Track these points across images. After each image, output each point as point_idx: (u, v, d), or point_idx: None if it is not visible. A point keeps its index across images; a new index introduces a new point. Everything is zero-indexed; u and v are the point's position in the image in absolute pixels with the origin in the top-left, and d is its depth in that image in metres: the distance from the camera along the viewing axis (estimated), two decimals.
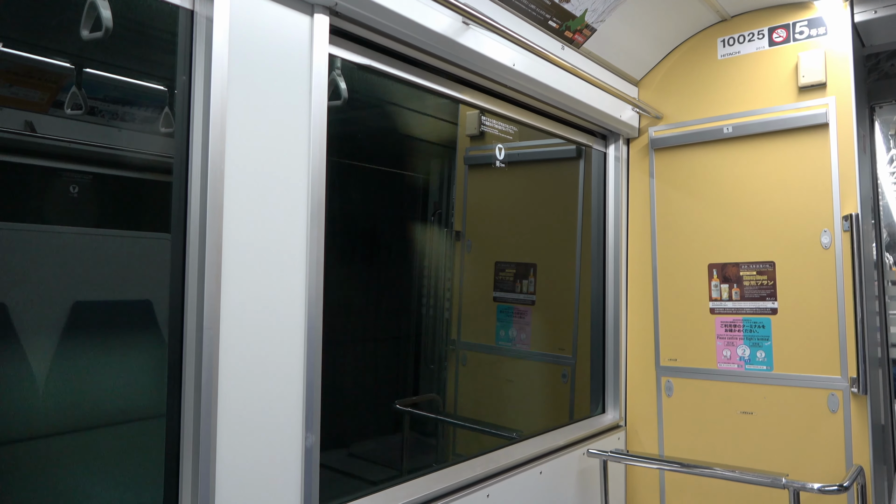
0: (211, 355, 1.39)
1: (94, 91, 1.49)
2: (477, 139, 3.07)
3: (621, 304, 3.08)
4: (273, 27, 1.54)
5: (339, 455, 2.40)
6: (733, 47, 2.86)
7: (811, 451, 2.55)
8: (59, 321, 1.32)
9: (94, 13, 1.37)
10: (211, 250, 1.40)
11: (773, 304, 2.68)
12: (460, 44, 1.98)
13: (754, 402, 2.70)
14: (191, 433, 1.39)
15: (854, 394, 2.47)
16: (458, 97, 2.26)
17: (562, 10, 2.36)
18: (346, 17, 1.74)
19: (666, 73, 3.04)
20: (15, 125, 1.36)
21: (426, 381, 3.03)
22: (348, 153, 2.28)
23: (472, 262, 3.21)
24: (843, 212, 2.53)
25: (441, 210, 3.10)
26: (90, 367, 1.38)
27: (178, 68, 1.46)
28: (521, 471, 2.35)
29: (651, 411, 2.97)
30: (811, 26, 2.66)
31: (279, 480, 1.54)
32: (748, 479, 2.34)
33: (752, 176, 2.76)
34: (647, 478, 2.96)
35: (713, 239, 2.85)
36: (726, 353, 2.78)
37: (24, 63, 1.32)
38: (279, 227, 1.55)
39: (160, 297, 1.44)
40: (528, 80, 2.32)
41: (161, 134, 1.50)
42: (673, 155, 2.99)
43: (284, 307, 1.56)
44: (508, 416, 3.13)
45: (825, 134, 2.59)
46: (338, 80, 1.94)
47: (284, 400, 1.55)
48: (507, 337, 3.19)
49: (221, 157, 1.42)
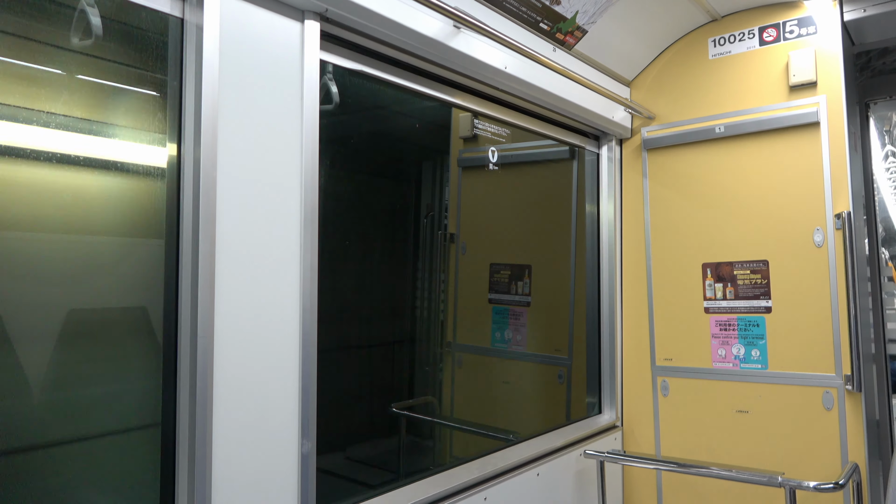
0: (206, 362, 1.39)
1: (83, 97, 1.49)
2: (470, 141, 3.07)
3: (616, 304, 3.08)
4: (264, 34, 1.54)
5: (336, 458, 2.40)
6: (724, 47, 2.87)
7: (807, 449, 2.56)
8: (52, 328, 1.32)
9: (84, 20, 1.36)
10: (204, 257, 1.40)
11: (767, 303, 2.69)
12: (451, 47, 1.99)
13: (750, 400, 2.70)
14: (186, 440, 1.39)
15: (849, 391, 2.48)
16: (450, 101, 2.26)
17: (553, 12, 2.36)
18: (337, 23, 1.74)
19: (657, 73, 3.05)
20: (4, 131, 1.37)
21: (422, 383, 3.02)
22: (340, 156, 2.27)
23: (466, 264, 3.20)
24: (835, 210, 2.55)
25: (434, 212, 3.10)
26: (81, 375, 1.37)
27: (169, 75, 1.46)
28: (518, 473, 2.35)
29: (647, 411, 2.97)
30: (801, 25, 2.68)
31: (276, 487, 1.54)
32: (744, 479, 2.35)
33: (744, 175, 2.77)
34: (644, 478, 2.96)
35: (707, 238, 2.86)
36: (721, 352, 2.78)
37: (13, 68, 1.32)
38: (272, 233, 1.55)
39: (153, 303, 1.44)
40: (520, 82, 2.33)
41: (152, 141, 1.50)
42: (665, 155, 3.00)
43: (279, 312, 1.56)
44: (505, 418, 3.13)
45: (816, 132, 2.60)
46: (329, 85, 1.94)
47: (280, 406, 1.55)
48: (502, 338, 3.19)
49: (213, 164, 1.42)
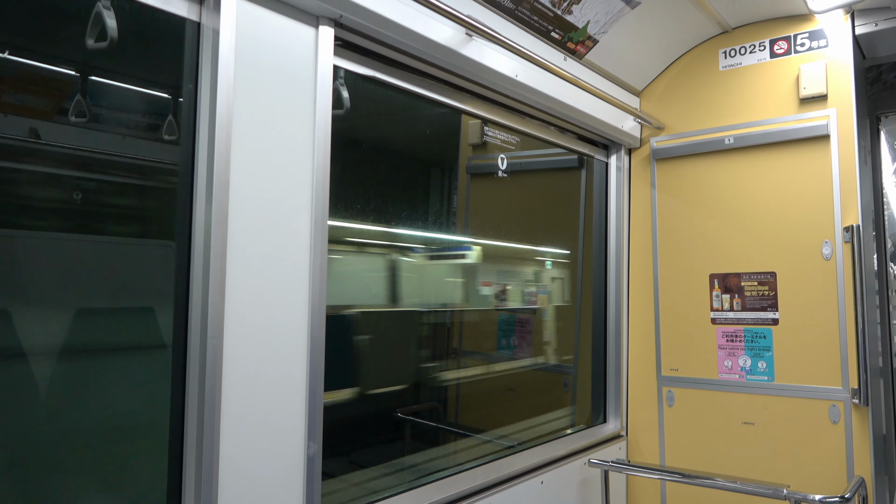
0: (215, 363, 1.40)
1: (98, 99, 1.50)
2: (479, 148, 3.08)
3: (622, 313, 3.08)
4: (278, 39, 1.56)
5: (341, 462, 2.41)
6: (735, 59, 2.88)
7: (812, 462, 2.55)
8: (62, 327, 1.33)
9: (99, 23, 1.38)
10: (215, 258, 1.41)
11: (775, 315, 2.68)
12: (463, 55, 2.00)
13: (755, 412, 2.69)
14: (194, 441, 1.40)
15: (855, 405, 2.47)
16: (460, 107, 2.28)
17: (564, 21, 2.38)
18: (351, 29, 1.75)
19: (668, 83, 3.05)
20: (20, 132, 1.38)
21: (427, 389, 3.03)
22: (350, 161, 2.29)
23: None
24: (844, 223, 2.54)
25: (443, 219, 3.11)
26: (90, 375, 1.38)
27: (185, 78, 1.48)
28: (521, 480, 2.35)
29: (652, 421, 2.96)
30: (812, 38, 2.68)
31: (282, 488, 1.54)
32: (749, 490, 2.34)
33: (753, 187, 2.77)
34: (649, 488, 2.95)
35: (714, 249, 2.85)
36: (727, 363, 2.78)
37: (29, 71, 1.33)
38: (283, 236, 1.56)
39: (164, 304, 1.45)
40: (530, 90, 2.34)
41: (166, 142, 1.51)
42: (674, 165, 3.00)
43: (288, 315, 1.57)
44: (509, 425, 3.13)
45: (826, 145, 2.60)
46: (340, 90, 1.95)
47: (287, 408, 1.56)
48: (508, 345, 3.19)
49: (227, 166, 1.44)
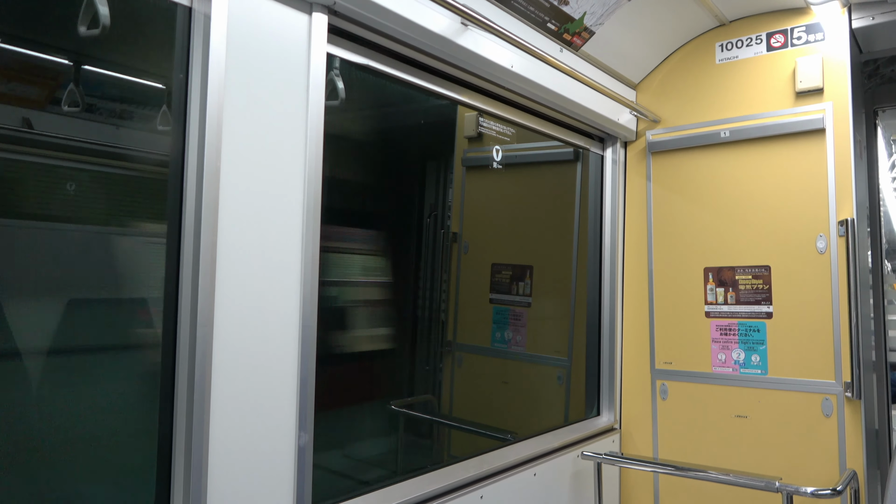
0: (204, 353, 1.39)
1: (91, 88, 1.49)
2: (475, 141, 3.07)
3: (617, 306, 3.08)
4: (271, 25, 1.54)
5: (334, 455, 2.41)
6: (731, 52, 2.87)
7: (805, 456, 2.56)
8: (54, 317, 1.32)
9: (91, 10, 1.36)
10: (206, 249, 1.40)
11: (769, 308, 2.69)
12: (459, 45, 1.99)
13: (749, 405, 2.70)
14: (183, 431, 1.39)
15: (848, 398, 2.48)
16: (456, 98, 2.26)
17: (561, 12, 2.36)
18: (345, 17, 1.74)
19: (664, 76, 3.05)
20: (13, 122, 1.37)
21: (422, 382, 3.02)
22: (344, 152, 2.28)
23: (468, 264, 3.20)
24: (838, 217, 2.54)
25: (437, 211, 3.10)
26: (80, 369, 1.38)
27: (176, 66, 1.46)
28: (515, 472, 2.35)
29: (646, 414, 2.97)
30: (809, 32, 2.67)
31: (272, 478, 1.54)
32: (742, 483, 2.35)
33: (748, 180, 2.77)
34: (642, 481, 2.96)
35: (709, 243, 2.85)
36: (721, 356, 2.78)
37: (21, 59, 1.32)
38: (275, 227, 1.55)
39: (154, 295, 1.44)
40: (526, 81, 2.33)
41: (158, 132, 1.50)
42: (670, 158, 2.99)
43: (279, 306, 1.56)
44: (503, 418, 3.13)
45: (822, 139, 2.60)
46: (335, 81, 1.94)
47: (278, 398, 1.55)
48: (502, 338, 3.19)
49: (217, 156, 1.42)
